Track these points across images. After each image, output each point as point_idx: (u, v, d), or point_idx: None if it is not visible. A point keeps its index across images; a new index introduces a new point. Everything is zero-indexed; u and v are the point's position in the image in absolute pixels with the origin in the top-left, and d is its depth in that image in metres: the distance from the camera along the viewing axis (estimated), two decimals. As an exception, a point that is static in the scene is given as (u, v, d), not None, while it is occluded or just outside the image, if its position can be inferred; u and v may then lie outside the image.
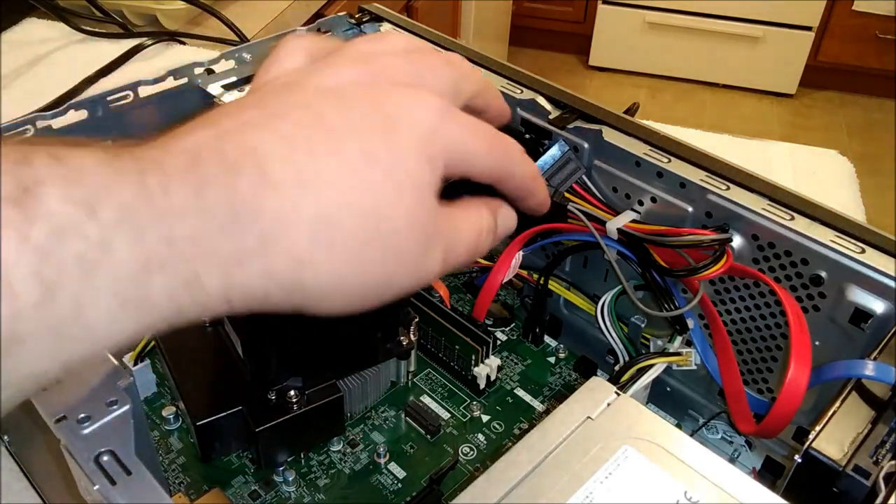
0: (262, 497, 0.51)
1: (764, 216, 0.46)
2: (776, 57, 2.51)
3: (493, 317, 0.64)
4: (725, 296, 0.51)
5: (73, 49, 0.95)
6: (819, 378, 0.43)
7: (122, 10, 1.00)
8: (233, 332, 0.53)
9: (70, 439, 0.32)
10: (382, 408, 0.57)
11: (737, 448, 0.54)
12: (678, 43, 2.57)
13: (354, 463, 0.53)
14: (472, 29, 2.04)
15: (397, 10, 0.78)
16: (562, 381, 0.60)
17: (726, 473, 0.36)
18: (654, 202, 0.51)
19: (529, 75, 0.58)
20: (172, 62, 0.56)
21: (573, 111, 0.54)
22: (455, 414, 0.57)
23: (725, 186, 0.47)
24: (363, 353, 0.54)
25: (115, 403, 0.33)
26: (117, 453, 0.32)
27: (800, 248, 0.45)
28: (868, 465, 0.36)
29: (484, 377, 0.57)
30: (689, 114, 2.54)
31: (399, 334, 0.55)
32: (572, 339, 0.62)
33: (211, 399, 0.50)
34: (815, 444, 0.37)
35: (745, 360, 0.52)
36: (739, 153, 0.81)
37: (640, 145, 0.51)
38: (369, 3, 0.68)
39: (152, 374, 0.58)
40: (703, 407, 0.55)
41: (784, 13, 2.43)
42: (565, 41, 2.76)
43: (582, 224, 0.52)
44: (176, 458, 0.53)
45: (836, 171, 0.85)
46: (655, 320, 0.53)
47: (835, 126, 2.49)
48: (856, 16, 2.40)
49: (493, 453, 0.54)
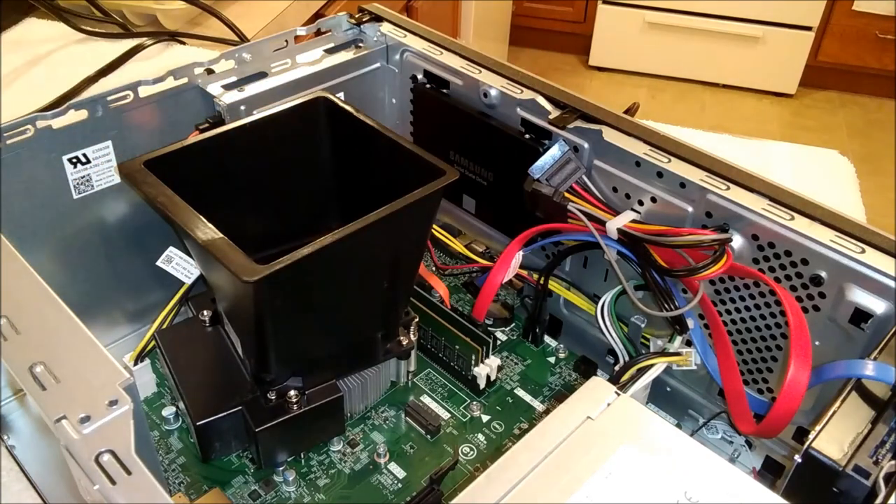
0: (262, 497, 0.51)
1: (764, 216, 0.46)
2: (776, 57, 2.51)
3: (493, 317, 0.64)
4: (725, 296, 0.51)
5: (73, 49, 0.95)
6: (819, 378, 0.43)
7: (122, 10, 1.00)
8: (233, 331, 0.53)
9: (70, 439, 0.32)
10: (382, 408, 0.57)
11: (737, 448, 0.54)
12: (678, 43, 2.57)
13: (354, 463, 0.53)
14: (472, 29, 2.04)
15: (397, 10, 0.78)
16: (562, 381, 0.60)
17: (726, 473, 0.36)
18: (654, 202, 0.51)
19: (529, 75, 0.58)
20: (172, 62, 0.56)
21: (573, 111, 0.54)
22: (455, 414, 0.57)
23: (725, 186, 0.47)
24: (363, 353, 0.54)
25: (115, 403, 0.33)
26: (117, 453, 0.32)
27: (800, 248, 0.45)
28: (868, 465, 0.36)
29: (484, 377, 0.57)
30: (689, 114, 2.53)
31: (399, 334, 0.55)
32: (572, 339, 0.62)
33: (211, 399, 0.50)
34: (815, 444, 0.37)
35: (745, 360, 0.52)
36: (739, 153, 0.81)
37: (640, 145, 0.51)
38: (369, 3, 0.68)
39: (152, 374, 0.58)
40: (703, 407, 0.55)
41: (784, 13, 2.43)
42: (565, 41, 2.76)
43: (582, 224, 0.52)
44: (176, 458, 0.53)
45: (836, 171, 0.85)
46: (655, 320, 0.53)
47: (835, 126, 2.49)
48: (856, 16, 2.40)
49: (493, 453, 0.54)
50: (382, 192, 0.45)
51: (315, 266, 0.43)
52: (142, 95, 0.55)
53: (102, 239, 0.57)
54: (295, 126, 0.54)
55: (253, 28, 0.99)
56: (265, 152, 0.53)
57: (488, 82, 0.58)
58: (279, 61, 0.61)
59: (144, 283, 0.60)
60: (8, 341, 0.36)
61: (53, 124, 0.51)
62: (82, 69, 0.84)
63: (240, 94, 0.57)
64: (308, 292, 0.46)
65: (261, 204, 0.54)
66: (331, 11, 1.15)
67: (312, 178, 0.56)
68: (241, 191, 0.53)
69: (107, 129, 0.54)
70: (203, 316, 0.55)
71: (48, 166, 0.52)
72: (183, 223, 0.42)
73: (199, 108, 0.58)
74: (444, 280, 0.65)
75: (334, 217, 0.55)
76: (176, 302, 0.57)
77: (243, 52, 0.59)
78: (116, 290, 0.59)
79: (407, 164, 0.49)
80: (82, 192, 0.54)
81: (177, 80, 0.57)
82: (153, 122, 0.56)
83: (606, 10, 2.60)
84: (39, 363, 0.35)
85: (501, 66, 0.59)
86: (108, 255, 0.58)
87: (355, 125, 0.52)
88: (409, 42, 0.64)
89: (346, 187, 0.56)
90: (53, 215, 0.54)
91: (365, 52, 0.65)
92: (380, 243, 0.47)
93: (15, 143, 0.50)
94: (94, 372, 0.35)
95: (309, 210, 0.56)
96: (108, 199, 0.56)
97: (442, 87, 0.62)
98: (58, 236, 0.55)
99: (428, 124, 0.66)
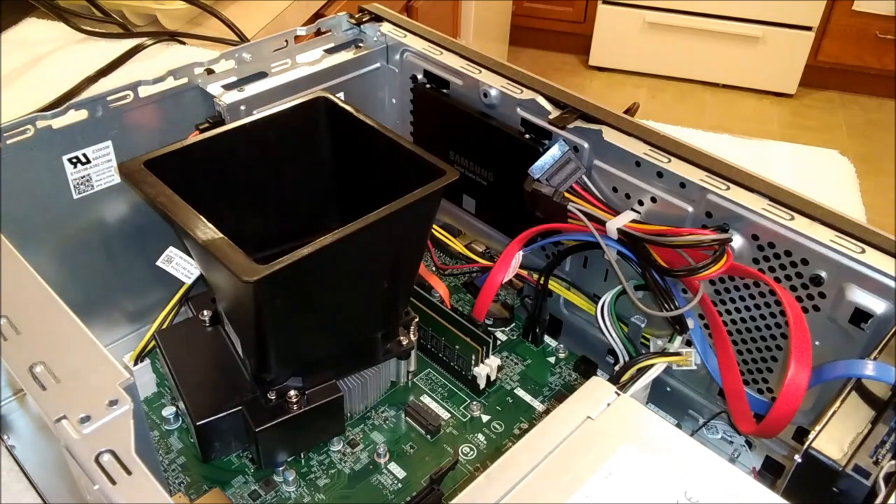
0: (262, 497, 0.51)
1: (764, 216, 0.46)
2: (776, 57, 2.51)
3: (493, 317, 0.64)
4: (725, 296, 0.51)
5: (73, 49, 0.95)
6: (819, 378, 0.43)
7: (122, 10, 1.00)
8: (233, 331, 0.53)
9: (70, 439, 0.32)
10: (382, 408, 0.57)
11: (737, 448, 0.54)
12: (678, 43, 2.57)
13: (354, 463, 0.53)
14: (472, 29, 2.03)
15: (397, 10, 0.78)
16: (562, 381, 0.60)
17: (726, 473, 0.36)
18: (654, 202, 0.51)
19: (529, 75, 0.58)
20: (172, 62, 0.56)
21: (573, 111, 0.54)
22: (455, 414, 0.57)
23: (725, 186, 0.47)
24: (363, 353, 0.54)
25: (115, 403, 0.33)
26: (117, 453, 0.32)
27: (800, 248, 0.45)
28: (868, 464, 0.36)
29: (484, 377, 0.57)
30: (689, 114, 2.53)
31: (399, 334, 0.55)
32: (572, 339, 0.62)
33: (211, 399, 0.50)
34: (815, 444, 0.37)
35: (745, 360, 0.52)
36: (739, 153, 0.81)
37: (640, 145, 0.51)
38: (369, 3, 0.68)
39: (152, 374, 0.58)
40: (703, 407, 0.55)
41: (784, 13, 2.43)
42: (565, 41, 2.76)
43: (582, 224, 0.52)
44: (176, 458, 0.53)
45: (836, 171, 0.85)
46: (655, 320, 0.53)
47: (835, 126, 2.49)
48: (856, 16, 2.40)
49: (493, 453, 0.54)
50: (382, 192, 0.45)
51: (315, 266, 0.43)
52: (142, 95, 0.55)
53: (102, 239, 0.57)
54: (295, 126, 0.54)
55: (253, 28, 0.99)
56: (265, 152, 0.53)
57: (488, 82, 0.58)
58: (279, 61, 0.61)
59: (144, 283, 0.60)
60: (8, 341, 0.36)
61: (53, 124, 0.51)
62: (82, 69, 0.84)
63: (240, 94, 0.57)
64: (308, 292, 0.46)
65: (261, 204, 0.54)
66: (331, 11, 1.15)
67: (312, 178, 0.56)
68: (241, 191, 0.53)
69: (107, 129, 0.54)
70: (203, 316, 0.55)
71: (48, 166, 0.52)
72: (183, 223, 0.42)
73: (199, 108, 0.58)
74: (444, 280, 0.65)
75: (334, 217, 0.55)
76: (176, 302, 0.57)
77: (243, 52, 0.59)
78: (116, 290, 0.59)
79: (407, 164, 0.49)
80: (82, 192, 0.54)
81: (177, 80, 0.57)
82: (153, 122, 0.56)
83: (606, 10, 2.60)
84: (39, 363, 0.35)
85: (501, 66, 0.59)
86: (108, 255, 0.58)
87: (355, 125, 0.52)
88: (409, 42, 0.64)
89: (346, 187, 0.56)
90: (53, 215, 0.54)
91: (365, 52, 0.65)
92: (380, 243, 0.47)
93: (15, 143, 0.50)
94: (94, 372, 0.35)
95: (309, 210, 0.56)
96: (108, 199, 0.56)
97: (442, 87, 0.62)
98: (58, 236, 0.55)
99: (428, 124, 0.66)
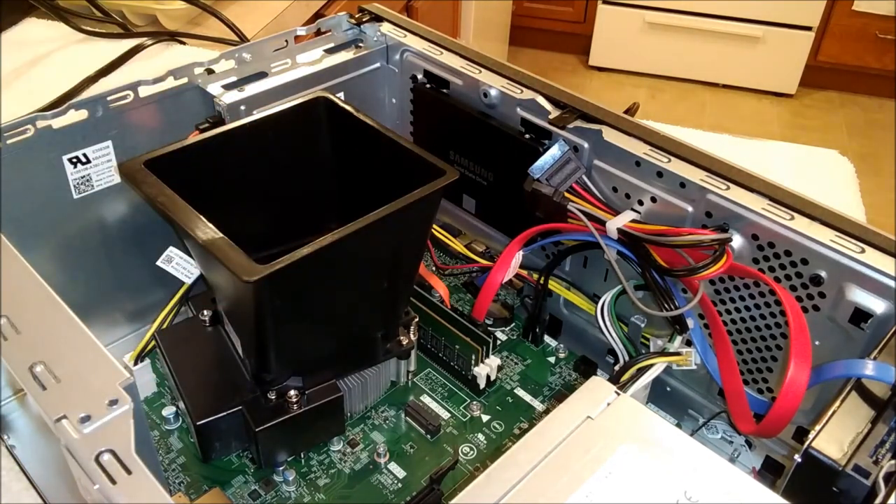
0: (262, 497, 0.51)
1: (764, 216, 0.46)
2: (776, 57, 2.51)
3: (493, 317, 0.64)
4: (725, 296, 0.51)
5: (73, 49, 0.95)
6: (819, 378, 0.43)
7: (122, 10, 1.00)
8: (233, 331, 0.53)
9: (70, 439, 0.32)
10: (382, 408, 0.57)
11: (737, 448, 0.54)
12: (678, 43, 2.57)
13: (354, 463, 0.53)
14: (472, 29, 2.03)
15: (397, 10, 0.78)
16: (562, 381, 0.60)
17: (726, 473, 0.36)
18: (654, 202, 0.51)
19: (529, 75, 0.58)
20: (172, 62, 0.56)
21: (573, 111, 0.54)
22: (455, 414, 0.57)
23: (725, 186, 0.47)
24: (363, 352, 0.54)
25: (115, 403, 0.33)
26: (117, 453, 0.32)
27: (800, 247, 0.45)
28: (868, 464, 0.36)
29: (484, 377, 0.57)
30: (689, 114, 2.53)
31: (399, 334, 0.55)
32: (572, 339, 0.62)
33: (211, 399, 0.50)
34: (815, 444, 0.37)
35: (745, 360, 0.52)
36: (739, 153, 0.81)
37: (640, 145, 0.51)
38: (369, 3, 0.68)
39: (152, 374, 0.58)
40: (703, 407, 0.55)
41: (784, 13, 2.43)
42: (565, 41, 2.76)
43: (582, 224, 0.52)
44: (176, 458, 0.53)
45: (836, 171, 0.85)
46: (655, 320, 0.53)
47: (835, 126, 2.49)
48: (856, 16, 2.40)
49: (493, 453, 0.54)
50: (382, 192, 0.45)
51: (315, 266, 0.43)
52: (142, 95, 0.55)
53: (102, 239, 0.57)
54: (295, 126, 0.54)
55: (253, 28, 0.99)
56: (265, 152, 0.53)
57: (488, 82, 0.58)
58: (279, 61, 0.61)
59: (144, 283, 0.60)
60: (8, 341, 0.36)
61: (53, 124, 0.51)
62: (82, 69, 0.84)
63: (240, 94, 0.57)
64: (308, 292, 0.46)
65: (261, 204, 0.54)
66: (331, 11, 1.15)
67: (312, 178, 0.56)
68: (241, 191, 0.53)
69: (107, 129, 0.54)
70: (203, 316, 0.55)
71: (48, 166, 0.52)
72: (183, 223, 0.42)
73: (199, 108, 0.58)
74: (444, 280, 0.65)
75: (334, 217, 0.55)
76: (176, 302, 0.57)
77: (243, 52, 0.59)
78: (116, 290, 0.59)
79: (407, 164, 0.49)
80: (82, 192, 0.54)
81: (177, 80, 0.57)
82: (153, 122, 0.56)
83: (606, 10, 2.60)
84: (39, 363, 0.35)
85: (501, 66, 0.59)
86: (108, 255, 0.58)
87: (355, 125, 0.52)
88: (409, 42, 0.64)
89: (346, 187, 0.56)
90: (53, 215, 0.54)
91: (365, 52, 0.65)
92: (380, 243, 0.47)
93: (15, 143, 0.50)
94: (94, 372, 0.35)
95: (309, 210, 0.56)
96: (108, 199, 0.56)
97: (442, 87, 0.62)
98: (58, 236, 0.55)
99: (428, 124, 0.66)
